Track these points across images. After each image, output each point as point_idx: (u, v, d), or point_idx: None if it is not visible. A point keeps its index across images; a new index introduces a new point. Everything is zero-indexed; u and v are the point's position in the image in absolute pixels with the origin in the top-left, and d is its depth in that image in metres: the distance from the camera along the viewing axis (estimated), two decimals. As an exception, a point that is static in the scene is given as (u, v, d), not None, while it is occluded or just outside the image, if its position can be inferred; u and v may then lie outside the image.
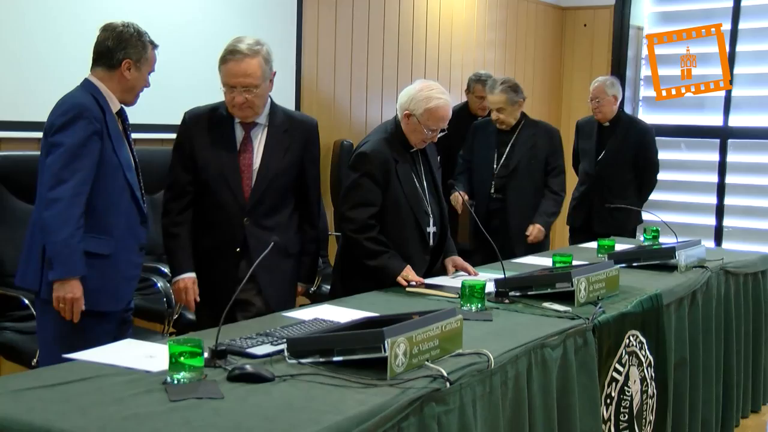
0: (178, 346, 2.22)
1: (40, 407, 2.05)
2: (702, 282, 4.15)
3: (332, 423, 1.97)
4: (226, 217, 3.55)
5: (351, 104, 6.40)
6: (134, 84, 3.41)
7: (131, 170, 3.41)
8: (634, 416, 3.46)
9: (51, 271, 3.14)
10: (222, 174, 3.52)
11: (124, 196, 3.37)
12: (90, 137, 3.22)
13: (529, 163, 5.28)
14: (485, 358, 2.55)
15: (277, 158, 3.58)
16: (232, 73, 3.43)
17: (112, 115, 3.36)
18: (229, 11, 5.30)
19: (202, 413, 2.02)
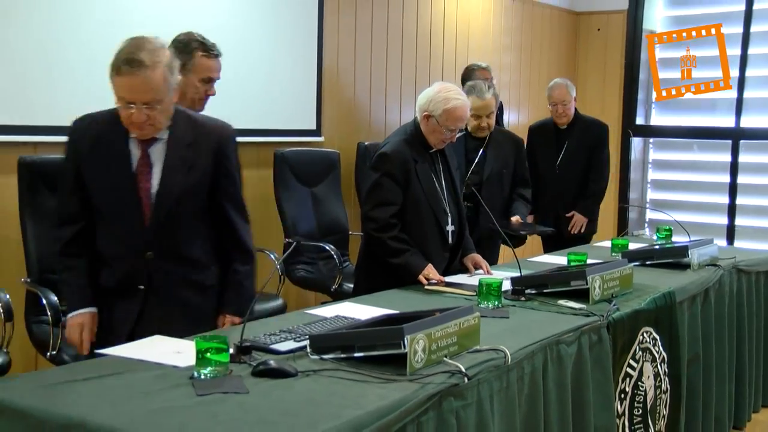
0: (205, 342, 2.23)
1: (74, 400, 2.07)
2: (715, 280, 4.14)
3: (353, 417, 1.97)
4: (125, 252, 2.99)
5: (371, 107, 6.40)
6: (184, 90, 3.38)
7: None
8: (648, 411, 3.45)
9: None
10: (117, 201, 2.97)
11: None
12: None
13: (501, 171, 4.99)
14: (502, 354, 2.54)
15: (180, 178, 2.96)
16: (128, 87, 2.81)
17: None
18: (251, 16, 5.31)
19: (228, 407, 2.03)
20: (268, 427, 1.91)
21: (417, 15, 6.76)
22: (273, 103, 5.52)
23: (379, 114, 6.45)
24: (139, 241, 2.95)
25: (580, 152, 5.91)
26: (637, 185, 8.93)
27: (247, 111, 5.25)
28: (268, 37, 5.43)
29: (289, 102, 5.65)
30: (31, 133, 4.20)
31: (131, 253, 2.96)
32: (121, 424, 1.92)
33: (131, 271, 2.97)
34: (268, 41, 5.44)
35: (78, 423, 1.95)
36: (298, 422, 1.94)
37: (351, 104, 6.23)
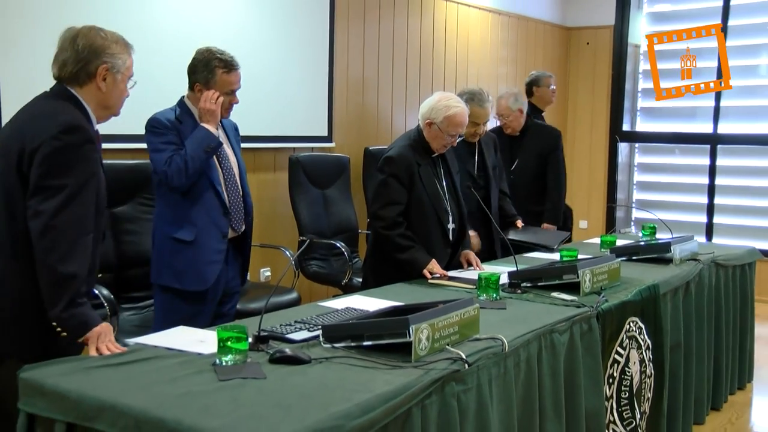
0: (225, 332, 2.23)
1: (107, 384, 2.08)
2: (695, 273, 4.13)
3: (363, 400, 1.97)
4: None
5: (378, 114, 6.40)
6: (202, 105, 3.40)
7: (213, 170, 3.40)
8: (634, 394, 3.44)
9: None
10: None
11: (208, 192, 3.37)
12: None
13: (494, 170, 4.79)
14: (500, 343, 2.54)
15: None
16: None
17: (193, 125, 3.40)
18: (267, 27, 5.31)
19: (247, 391, 2.03)
20: (284, 410, 1.91)
21: (420, 29, 6.76)
22: (288, 112, 5.53)
23: (385, 121, 6.45)
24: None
25: (532, 159, 5.55)
26: (623, 186, 8.96)
27: (264, 119, 5.26)
28: (283, 53, 5.43)
29: (303, 111, 5.65)
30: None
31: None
32: (150, 406, 1.92)
33: None
34: (284, 56, 5.44)
35: (110, 405, 1.95)
36: (312, 405, 1.94)
37: (360, 112, 6.22)
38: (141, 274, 3.96)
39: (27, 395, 2.12)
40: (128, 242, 4.01)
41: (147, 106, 4.46)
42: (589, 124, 8.93)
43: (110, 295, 3.60)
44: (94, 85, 2.56)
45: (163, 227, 3.43)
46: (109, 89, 2.58)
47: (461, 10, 7.25)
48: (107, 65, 2.55)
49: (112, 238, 3.95)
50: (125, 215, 4.03)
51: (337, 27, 5.89)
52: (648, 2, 8.80)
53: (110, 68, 2.56)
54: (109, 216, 3.95)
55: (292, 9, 5.50)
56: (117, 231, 3.99)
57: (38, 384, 2.10)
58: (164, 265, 3.42)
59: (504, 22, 7.88)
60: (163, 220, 3.43)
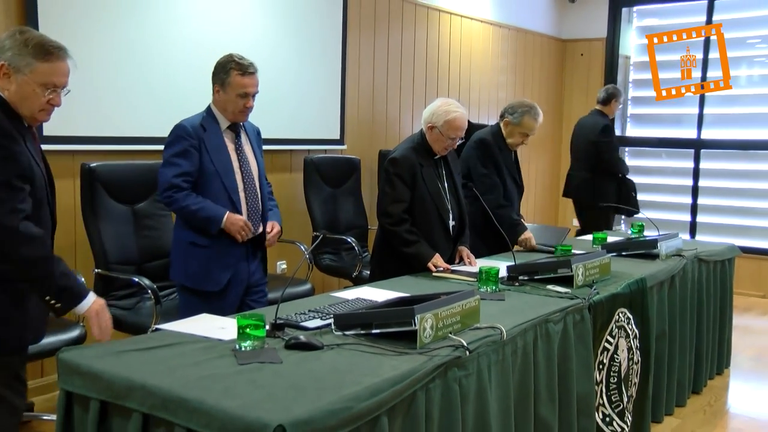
0: (245, 320, 2.24)
1: (136, 366, 2.09)
2: (679, 268, 4.12)
3: (371, 384, 1.97)
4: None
5: (387, 119, 6.40)
6: (224, 105, 3.38)
7: (230, 178, 3.38)
8: (622, 379, 3.43)
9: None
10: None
11: (221, 198, 3.36)
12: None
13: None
14: (499, 331, 2.53)
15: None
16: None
17: (218, 131, 3.40)
18: (285, 38, 5.31)
19: (265, 375, 2.03)
20: (299, 392, 1.91)
21: (426, 39, 6.75)
22: (303, 116, 5.53)
23: (393, 125, 6.44)
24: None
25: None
26: (613, 187, 8.90)
27: (281, 123, 5.26)
28: (300, 62, 5.43)
29: (317, 115, 5.65)
30: (90, 143, 4.21)
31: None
32: (175, 387, 1.92)
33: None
34: (300, 65, 5.44)
35: (139, 385, 1.96)
36: (325, 387, 1.94)
37: (370, 116, 6.22)
38: (160, 266, 4.00)
39: (65, 375, 2.14)
40: (147, 237, 4.03)
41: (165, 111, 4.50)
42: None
43: (153, 284, 3.65)
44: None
45: (181, 231, 3.43)
46: (12, 89, 2.39)
47: (464, 23, 7.23)
48: (4, 63, 2.38)
49: (133, 233, 3.97)
50: (144, 212, 4.05)
51: (350, 38, 5.89)
52: (638, 17, 8.78)
53: (9, 66, 2.38)
54: (131, 212, 3.98)
55: (308, 21, 5.50)
56: (138, 226, 4.00)
57: (75, 365, 2.12)
58: (180, 266, 3.44)
59: (504, 34, 7.86)
60: (181, 224, 3.45)
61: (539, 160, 8.61)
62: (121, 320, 3.80)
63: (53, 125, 3.97)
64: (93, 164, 3.87)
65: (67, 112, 3.99)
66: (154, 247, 4.05)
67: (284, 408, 1.79)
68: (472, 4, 7.34)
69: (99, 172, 3.87)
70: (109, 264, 3.84)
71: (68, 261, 4.05)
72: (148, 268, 3.99)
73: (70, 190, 4.10)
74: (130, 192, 4.01)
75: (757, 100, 7.85)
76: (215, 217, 3.30)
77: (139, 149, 4.38)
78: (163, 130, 4.47)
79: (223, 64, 3.38)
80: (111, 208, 3.91)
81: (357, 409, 1.87)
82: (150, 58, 4.45)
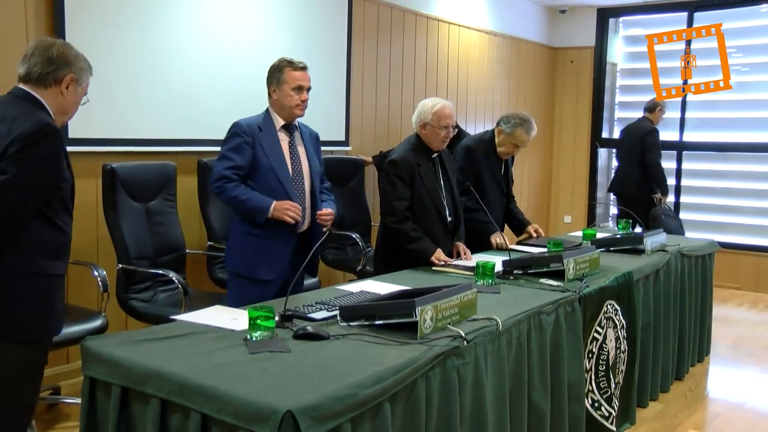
0: (255, 311, 2.22)
1: (154, 355, 2.08)
2: (663, 262, 4.11)
3: (374, 372, 1.96)
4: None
5: (388, 122, 6.38)
6: (281, 101, 3.39)
7: (284, 172, 3.37)
8: (610, 367, 3.41)
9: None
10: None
11: (277, 193, 3.34)
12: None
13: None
14: (495, 322, 2.52)
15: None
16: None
17: (274, 131, 3.40)
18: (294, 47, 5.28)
19: (274, 363, 2.02)
20: (306, 379, 1.89)
21: (426, 47, 6.73)
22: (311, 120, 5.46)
23: (395, 128, 6.42)
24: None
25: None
26: (603, 186, 8.93)
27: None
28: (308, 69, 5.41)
29: (323, 118, 5.62)
30: (109, 144, 4.20)
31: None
32: (190, 374, 1.91)
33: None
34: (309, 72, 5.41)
35: (156, 372, 1.96)
36: (331, 375, 1.93)
37: (372, 120, 6.21)
38: (171, 260, 4.03)
39: (88, 362, 2.13)
40: (159, 233, 4.03)
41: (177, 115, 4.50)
42: (572, 132, 8.90)
43: (182, 278, 3.69)
44: (57, 90, 2.46)
45: (240, 223, 3.41)
46: (65, 100, 2.48)
47: (462, 32, 7.21)
48: (74, 75, 2.48)
49: (147, 229, 3.97)
50: (155, 209, 4.05)
51: (354, 46, 5.87)
52: (624, 27, 8.77)
53: (74, 79, 2.49)
54: (144, 210, 3.98)
55: (316, 30, 5.48)
56: (150, 223, 4.00)
57: (97, 353, 2.12)
58: (238, 255, 3.42)
59: (499, 43, 7.84)
60: (238, 218, 3.43)
61: (532, 161, 8.59)
62: (141, 311, 3.81)
63: (77, 128, 3.98)
64: (114, 165, 3.86)
65: (89, 115, 4.02)
66: (166, 242, 4.06)
67: (293, 394, 1.78)
68: (470, 14, 7.32)
69: (119, 172, 3.86)
70: (130, 259, 3.84)
71: (91, 256, 4.09)
72: (161, 262, 3.99)
73: (92, 189, 4.09)
74: (144, 191, 4.01)
75: (734, 106, 7.83)
76: (262, 206, 3.29)
77: (152, 150, 4.37)
78: (174, 132, 4.50)
79: (276, 65, 3.42)
80: (129, 206, 3.91)
81: (361, 395, 1.86)
82: (164, 65, 4.44)
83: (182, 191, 4.54)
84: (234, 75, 4.77)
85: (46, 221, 2.40)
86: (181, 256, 4.14)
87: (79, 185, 2.65)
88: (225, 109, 4.61)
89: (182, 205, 4.40)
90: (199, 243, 4.66)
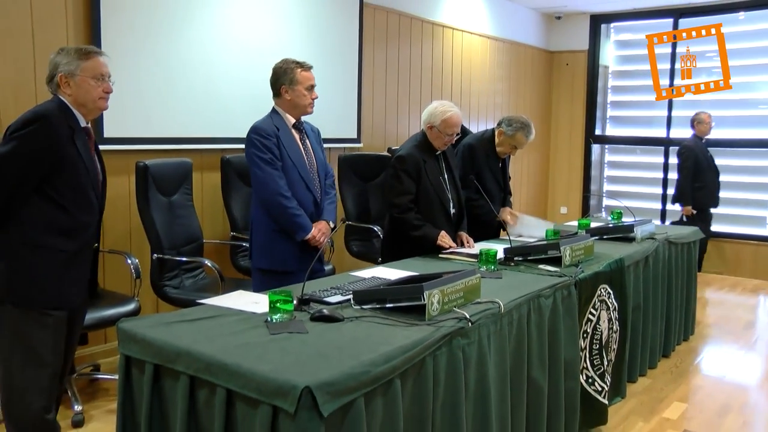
0: (275, 295, 2.21)
1: (182, 335, 2.07)
2: (652, 249, 4.08)
3: (385, 351, 1.95)
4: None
5: (397, 121, 6.35)
6: (295, 101, 3.33)
7: (304, 168, 3.33)
8: (603, 346, 3.39)
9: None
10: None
11: (299, 187, 3.31)
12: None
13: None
14: (497, 305, 2.50)
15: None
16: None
17: (288, 129, 3.35)
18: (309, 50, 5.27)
19: (293, 343, 2.01)
20: (323, 358, 1.88)
21: (432, 51, 6.70)
22: (324, 119, 5.49)
23: (403, 126, 6.40)
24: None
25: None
26: (596, 179, 8.92)
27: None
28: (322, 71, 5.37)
29: (336, 117, 5.62)
30: (141, 143, 4.20)
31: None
32: (216, 353, 1.91)
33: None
34: (323, 74, 5.36)
35: (185, 351, 1.95)
36: (345, 354, 1.92)
37: (382, 118, 6.18)
38: (191, 249, 4.04)
39: (124, 342, 2.14)
40: (180, 224, 4.03)
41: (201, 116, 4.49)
42: (568, 130, 8.86)
43: (216, 265, 3.71)
44: (62, 92, 2.58)
45: (268, 222, 3.32)
46: (73, 91, 2.57)
47: (465, 37, 7.17)
48: (62, 74, 2.56)
49: (172, 222, 3.98)
50: (177, 203, 4.05)
51: (365, 50, 5.85)
52: (615, 32, 8.71)
53: (65, 75, 2.56)
54: (168, 203, 3.98)
55: (330, 36, 5.47)
56: (173, 216, 4.00)
57: (131, 333, 2.12)
58: (266, 252, 3.34)
59: (499, 47, 7.79)
60: (262, 212, 3.34)
61: (531, 156, 8.55)
62: (172, 297, 3.82)
63: (112, 128, 3.99)
64: (147, 162, 3.86)
65: (123, 116, 4.03)
66: (187, 233, 4.06)
67: (310, 372, 1.77)
68: (472, 20, 7.28)
69: (151, 168, 3.86)
70: (163, 249, 3.85)
71: (124, 246, 4.09)
72: (184, 251, 4.00)
73: (124, 184, 4.10)
74: (170, 185, 4.02)
75: (716, 105, 7.75)
76: (307, 227, 3.27)
77: (178, 148, 4.36)
78: (199, 131, 4.50)
79: (283, 68, 3.32)
80: (158, 200, 3.92)
81: (374, 372, 1.85)
82: (190, 70, 4.44)
83: (207, 186, 4.55)
84: (254, 78, 4.76)
85: (50, 202, 2.51)
86: (199, 245, 4.15)
87: (112, 181, 2.66)
88: (245, 110, 4.60)
89: (207, 198, 4.39)
90: (222, 233, 4.66)
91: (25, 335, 2.55)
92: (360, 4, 5.73)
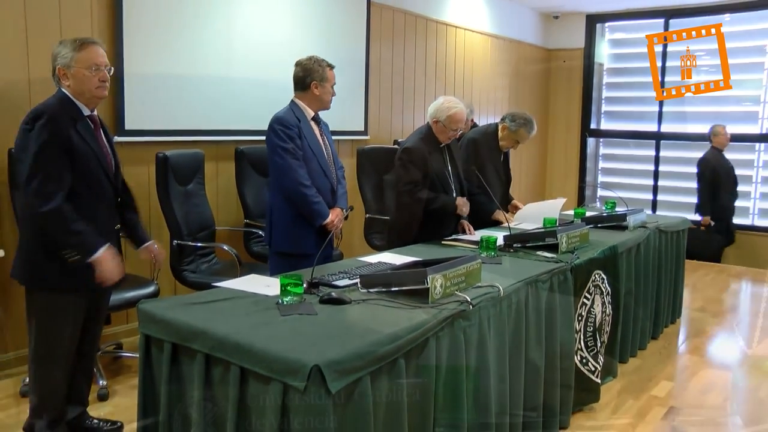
0: (286, 279, 2.21)
1: (199, 316, 2.07)
2: (644, 237, 4.06)
3: (391, 332, 1.95)
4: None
5: (403, 115, 6.33)
6: (322, 97, 3.34)
7: (323, 158, 3.32)
8: (597, 328, 3.38)
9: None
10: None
11: (319, 175, 3.30)
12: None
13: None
14: (497, 289, 2.49)
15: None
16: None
17: (307, 122, 3.33)
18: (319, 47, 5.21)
19: (303, 324, 2.01)
20: (331, 339, 1.88)
21: (436, 48, 6.66)
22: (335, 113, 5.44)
23: (408, 119, 6.38)
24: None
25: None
26: (591, 171, 8.89)
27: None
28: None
29: (345, 111, 5.59)
30: (160, 135, 4.18)
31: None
32: (230, 333, 1.91)
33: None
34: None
35: (202, 331, 1.95)
36: (352, 335, 1.92)
37: (389, 113, 6.16)
38: (205, 236, 4.04)
39: (143, 321, 2.14)
40: (194, 212, 4.02)
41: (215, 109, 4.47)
42: (565, 124, 8.82)
43: (234, 250, 3.75)
44: (63, 84, 2.54)
45: (288, 208, 3.29)
46: (71, 82, 2.52)
47: (467, 35, 7.12)
48: (59, 67, 2.53)
49: (188, 210, 3.96)
50: (191, 192, 4.04)
51: (372, 47, 5.81)
52: (609, 31, 8.64)
53: (62, 67, 2.52)
54: (184, 192, 3.97)
55: (339, 34, 5.43)
56: (188, 204, 3.99)
57: (151, 314, 2.12)
58: (286, 235, 3.30)
59: (500, 45, 7.74)
60: (282, 199, 3.30)
61: (530, 148, 8.51)
62: (191, 280, 3.82)
63: (133, 120, 3.98)
64: (167, 153, 3.85)
65: (143, 109, 4.02)
66: (201, 221, 4.06)
67: (319, 351, 1.76)
68: (474, 19, 7.23)
69: (170, 159, 3.85)
70: (182, 236, 3.85)
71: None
72: (198, 237, 4.00)
73: (144, 173, 4.09)
74: (185, 175, 4.01)
75: (705, 101, 7.70)
76: (324, 213, 3.26)
77: (196, 140, 4.35)
78: (215, 124, 4.48)
79: (317, 64, 3.32)
80: (176, 190, 3.91)
81: (379, 352, 1.85)
82: (207, 66, 4.42)
83: (222, 175, 4.54)
84: (267, 75, 4.74)
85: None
86: (212, 232, 4.15)
87: (132, 171, 2.65)
88: (258, 104, 4.58)
89: (221, 187, 4.38)
90: (236, 221, 4.66)
91: (50, 316, 2.55)
92: (367, 3, 5.69)
